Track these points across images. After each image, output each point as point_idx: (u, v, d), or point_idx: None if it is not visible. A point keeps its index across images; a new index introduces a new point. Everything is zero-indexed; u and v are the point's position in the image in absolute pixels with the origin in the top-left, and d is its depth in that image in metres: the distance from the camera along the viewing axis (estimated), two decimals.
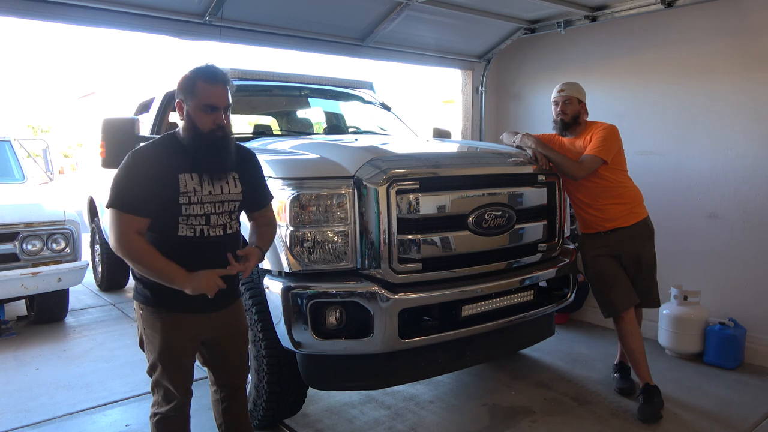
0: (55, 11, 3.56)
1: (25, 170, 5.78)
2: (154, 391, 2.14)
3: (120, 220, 1.90)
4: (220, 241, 2.06)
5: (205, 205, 2.00)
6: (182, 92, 1.99)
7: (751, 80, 3.92)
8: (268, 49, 4.65)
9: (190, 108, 1.97)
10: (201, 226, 1.99)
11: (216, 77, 1.98)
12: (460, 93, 5.88)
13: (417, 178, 2.64)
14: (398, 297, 2.51)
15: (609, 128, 3.23)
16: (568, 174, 3.16)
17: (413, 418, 3.18)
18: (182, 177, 1.96)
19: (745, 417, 3.18)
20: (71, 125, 30.84)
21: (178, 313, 2.04)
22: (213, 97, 1.96)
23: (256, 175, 2.23)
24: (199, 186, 1.99)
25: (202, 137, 1.97)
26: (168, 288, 1.97)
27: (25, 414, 3.25)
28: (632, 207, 3.29)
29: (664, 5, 4.08)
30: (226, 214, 2.07)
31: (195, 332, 2.10)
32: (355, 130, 4.52)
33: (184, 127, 2.01)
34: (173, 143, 2.03)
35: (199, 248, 2.01)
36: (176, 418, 2.13)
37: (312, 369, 2.69)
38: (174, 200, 1.95)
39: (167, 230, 1.97)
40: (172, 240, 1.97)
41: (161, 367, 2.07)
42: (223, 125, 1.98)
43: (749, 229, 3.98)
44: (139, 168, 1.93)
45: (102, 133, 3.00)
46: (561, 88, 3.35)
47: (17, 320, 5.13)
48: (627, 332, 3.27)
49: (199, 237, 2.00)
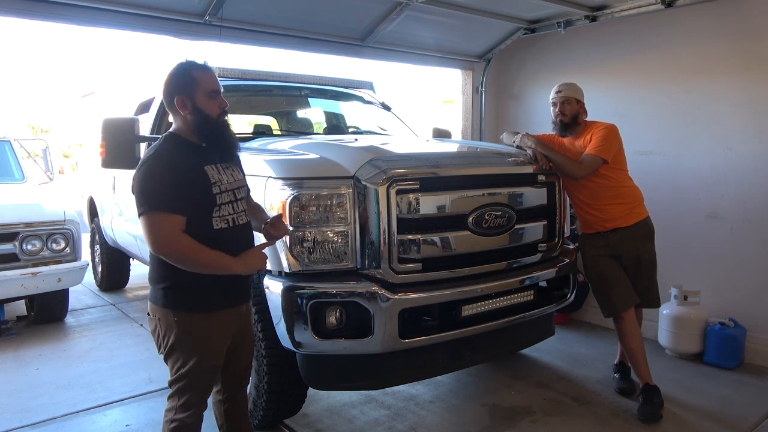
0: (55, 11, 3.56)
1: (25, 170, 5.79)
2: (174, 397, 2.07)
3: (162, 222, 1.87)
4: (247, 227, 2.13)
5: (229, 193, 2.04)
6: (181, 89, 1.97)
7: (751, 80, 3.92)
8: (268, 49, 4.65)
9: (197, 100, 1.97)
10: (231, 215, 2.03)
11: (206, 65, 2.03)
12: (460, 93, 5.88)
13: (417, 178, 2.64)
14: (398, 297, 2.51)
15: (609, 128, 3.23)
16: (569, 174, 3.16)
17: (413, 418, 3.18)
18: (208, 168, 1.98)
19: (745, 417, 3.18)
20: (71, 125, 30.85)
21: (219, 311, 2.04)
22: (213, 82, 2.00)
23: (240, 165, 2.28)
24: (222, 175, 2.03)
25: (216, 125, 2.00)
26: (208, 288, 1.98)
27: (25, 414, 3.25)
28: (632, 207, 3.29)
29: (664, 5, 4.08)
30: (242, 201, 2.12)
31: (230, 330, 2.11)
32: (355, 130, 4.53)
33: (194, 121, 1.99)
34: (183, 143, 2.01)
35: (233, 238, 2.03)
36: (195, 425, 2.11)
37: (312, 369, 2.69)
38: (208, 193, 1.96)
39: (203, 226, 1.96)
40: (209, 235, 1.95)
41: (198, 373, 2.01)
42: (226, 108, 2.03)
43: (749, 229, 3.98)
44: (166, 169, 1.90)
45: (102, 133, 3.00)
46: (558, 89, 3.35)
47: (17, 320, 5.14)
48: (627, 332, 3.27)
49: (232, 227, 2.03)
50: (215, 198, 1.97)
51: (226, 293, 2.05)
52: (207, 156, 2.01)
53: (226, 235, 2.01)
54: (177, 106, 1.99)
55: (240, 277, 2.07)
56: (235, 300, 2.10)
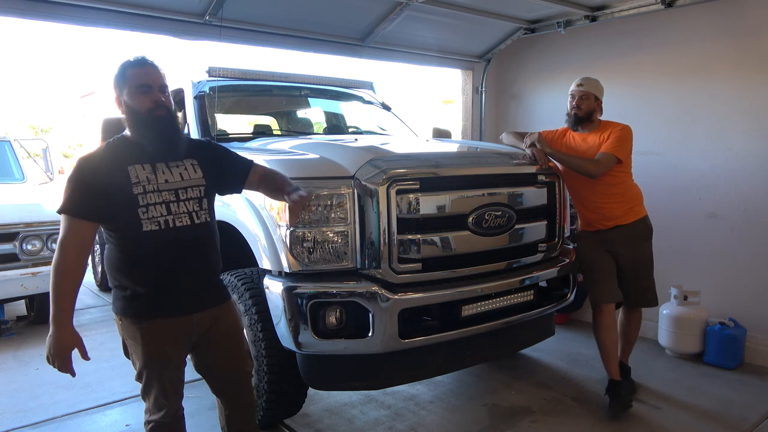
0: (55, 11, 3.56)
1: (25, 170, 5.79)
2: (144, 399, 2.07)
3: (63, 224, 1.87)
4: (189, 232, 1.97)
5: (163, 193, 1.94)
6: (116, 87, 1.96)
7: (751, 80, 3.92)
8: (268, 49, 4.65)
9: (126, 97, 1.94)
10: (163, 216, 1.92)
11: (144, 61, 1.97)
12: (460, 93, 5.88)
13: (417, 178, 2.64)
14: (398, 297, 2.51)
15: (626, 129, 3.25)
16: (587, 172, 3.16)
17: (413, 418, 3.18)
18: (131, 168, 1.92)
19: (745, 417, 3.18)
20: (72, 125, 30.84)
21: (158, 319, 1.96)
22: (143, 77, 1.93)
23: (218, 156, 2.19)
24: (153, 175, 1.94)
25: (144, 118, 1.93)
26: (143, 294, 1.94)
27: (25, 414, 3.25)
28: (632, 206, 3.30)
29: (664, 5, 4.08)
30: (191, 201, 2.00)
31: (178, 337, 2.02)
32: (355, 130, 4.52)
33: (127, 119, 1.97)
34: (123, 143, 1.99)
35: (169, 243, 1.94)
36: (171, 424, 2.08)
37: (312, 369, 2.69)
38: (128, 193, 1.89)
39: (131, 228, 1.90)
40: (140, 238, 1.90)
41: (146, 375, 2.01)
42: (161, 102, 1.94)
43: (749, 229, 3.98)
44: (85, 171, 1.89)
45: (102, 133, 3.00)
46: (580, 83, 3.33)
47: (17, 320, 5.14)
48: (603, 325, 3.27)
49: (165, 229, 1.92)
50: (136, 198, 1.89)
51: (167, 301, 1.96)
52: (142, 155, 1.95)
53: (159, 240, 1.91)
54: (116, 105, 1.99)
55: (189, 284, 2.00)
56: (180, 308, 1.99)
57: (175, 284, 1.98)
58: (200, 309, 2.05)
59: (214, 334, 2.10)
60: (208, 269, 2.09)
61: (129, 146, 1.97)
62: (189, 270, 2.01)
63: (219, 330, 2.12)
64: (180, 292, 1.99)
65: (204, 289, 2.07)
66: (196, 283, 2.04)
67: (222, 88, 3.80)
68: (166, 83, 2.00)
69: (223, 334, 2.14)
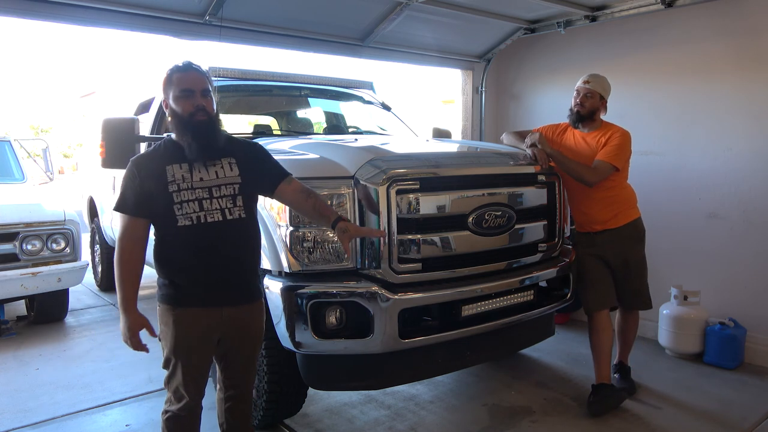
0: (55, 11, 3.57)
1: (25, 170, 5.79)
2: (167, 387, 2.15)
3: (120, 222, 2.06)
4: (221, 227, 2.06)
5: (197, 191, 2.04)
6: (164, 91, 2.09)
7: (751, 80, 3.92)
8: (268, 49, 4.65)
9: (171, 100, 2.06)
10: (196, 213, 2.03)
11: (189, 65, 2.08)
12: (460, 93, 5.88)
13: (417, 178, 2.64)
14: (398, 297, 2.50)
15: (626, 136, 3.23)
16: (583, 180, 3.15)
17: (413, 418, 3.18)
18: (169, 168, 2.05)
19: (745, 417, 3.18)
20: (72, 125, 30.86)
21: (191, 308, 2.07)
22: (186, 82, 2.04)
23: (259, 157, 2.23)
24: (188, 174, 2.05)
25: (186, 122, 2.03)
26: (177, 284, 2.07)
27: (25, 414, 3.25)
28: (623, 209, 3.29)
29: (664, 5, 4.08)
30: (224, 198, 2.07)
31: (206, 329, 2.10)
32: (355, 130, 4.52)
33: (172, 122, 2.09)
34: (169, 144, 2.13)
35: (199, 236, 2.04)
36: (187, 419, 2.14)
37: (312, 369, 2.69)
38: (164, 190, 2.02)
39: (168, 223, 2.04)
40: (175, 232, 2.03)
41: (173, 363, 2.10)
42: (202, 107, 2.04)
43: (749, 229, 3.98)
44: (134, 171, 2.06)
45: (102, 133, 3.00)
46: (587, 79, 3.29)
47: (17, 320, 5.13)
48: (596, 330, 3.30)
49: (197, 225, 2.03)
50: (171, 196, 2.02)
51: (198, 292, 2.07)
52: (182, 156, 2.06)
53: (191, 233, 2.03)
54: (164, 108, 2.13)
55: (219, 278, 2.08)
56: (210, 301, 2.08)
57: (206, 277, 2.07)
58: (229, 304, 2.13)
59: (238, 329, 2.17)
60: (238, 264, 2.14)
61: (172, 147, 2.10)
62: (219, 265, 2.08)
63: (243, 325, 2.19)
64: (210, 285, 2.08)
65: (234, 284, 2.14)
66: (226, 278, 2.11)
67: (222, 88, 3.80)
68: (209, 87, 2.09)
69: (245, 330, 2.20)
